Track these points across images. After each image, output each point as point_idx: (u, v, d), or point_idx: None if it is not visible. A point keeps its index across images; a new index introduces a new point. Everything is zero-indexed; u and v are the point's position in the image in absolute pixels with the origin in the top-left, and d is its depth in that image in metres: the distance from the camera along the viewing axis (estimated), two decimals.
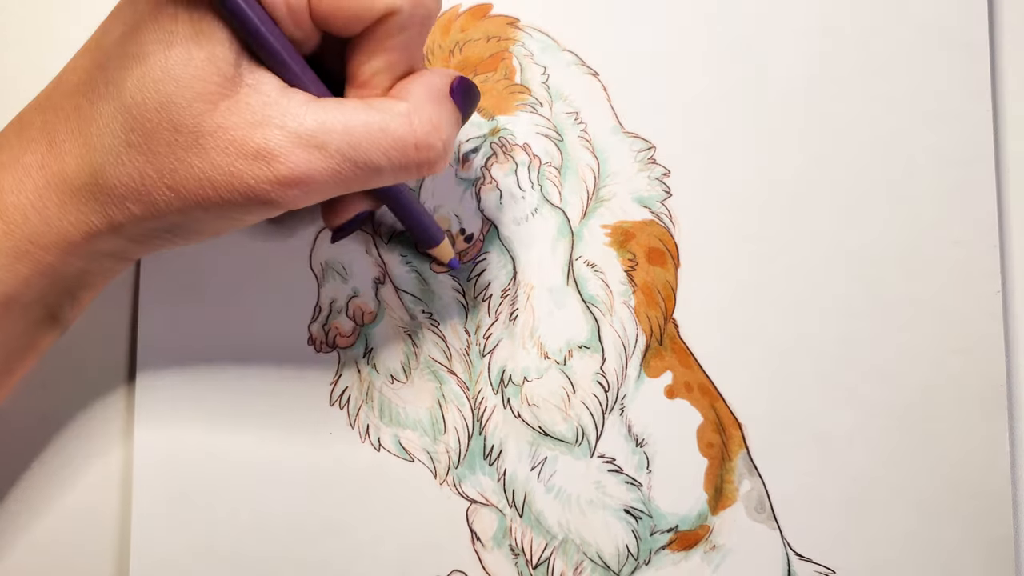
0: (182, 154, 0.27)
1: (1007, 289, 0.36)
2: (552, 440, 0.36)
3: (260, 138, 0.26)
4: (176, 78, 0.26)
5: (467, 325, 0.37)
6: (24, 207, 0.28)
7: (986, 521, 0.35)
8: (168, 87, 0.26)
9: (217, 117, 0.26)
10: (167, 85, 0.26)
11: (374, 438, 0.37)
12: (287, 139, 0.26)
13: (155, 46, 0.26)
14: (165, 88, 0.26)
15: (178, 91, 0.26)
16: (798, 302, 0.36)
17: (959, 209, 0.36)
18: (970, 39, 0.37)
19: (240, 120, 0.26)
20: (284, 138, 0.26)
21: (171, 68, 0.26)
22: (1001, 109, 0.37)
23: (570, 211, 0.37)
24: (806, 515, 0.36)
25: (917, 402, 0.36)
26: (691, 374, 0.36)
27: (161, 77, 0.26)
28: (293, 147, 0.27)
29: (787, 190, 0.37)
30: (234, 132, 0.26)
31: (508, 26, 0.38)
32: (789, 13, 0.37)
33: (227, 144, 0.26)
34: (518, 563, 0.36)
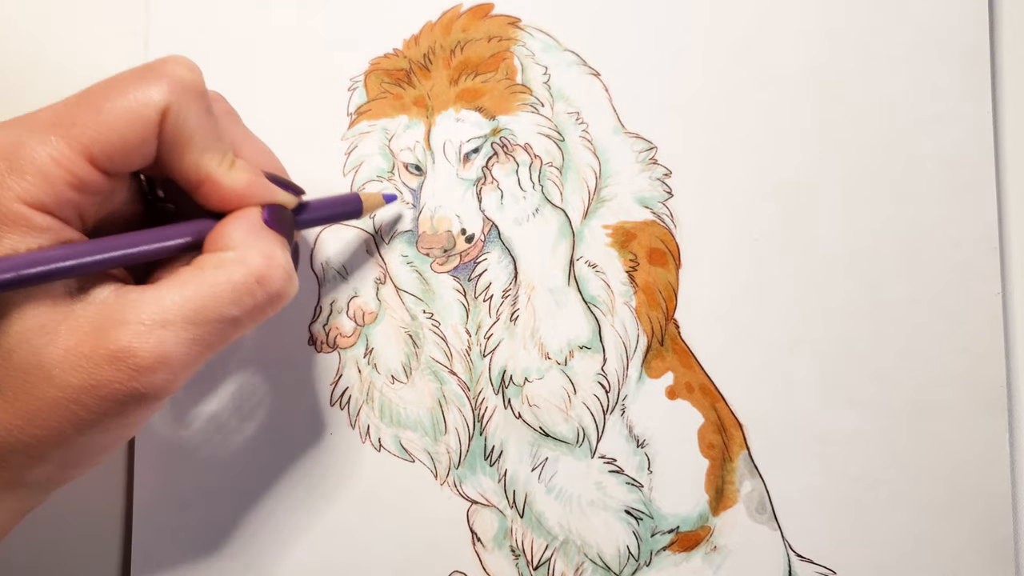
0: (39, 391, 0.26)
1: (1007, 290, 0.36)
2: (553, 441, 0.36)
3: (109, 342, 0.26)
4: (2, 324, 0.26)
5: (468, 325, 0.37)
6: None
7: (986, 521, 0.35)
8: (3, 337, 0.26)
9: (60, 342, 0.26)
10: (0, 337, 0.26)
11: (374, 438, 0.37)
12: (134, 332, 0.26)
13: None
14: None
15: (10, 335, 0.26)
16: (799, 303, 0.36)
17: (959, 210, 0.36)
18: (970, 39, 0.37)
19: (83, 335, 0.26)
20: (131, 332, 0.26)
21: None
22: (1001, 109, 0.37)
23: (571, 211, 0.37)
24: (807, 516, 0.36)
25: (917, 402, 0.36)
26: (692, 375, 0.36)
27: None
28: (142, 336, 0.26)
29: (788, 191, 0.37)
30: (81, 348, 0.26)
31: (509, 26, 0.37)
32: (789, 13, 0.37)
33: (79, 363, 0.26)
34: (519, 564, 0.36)
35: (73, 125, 0.26)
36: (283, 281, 0.29)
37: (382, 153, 0.37)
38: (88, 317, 0.26)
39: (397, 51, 0.38)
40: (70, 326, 0.26)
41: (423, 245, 0.37)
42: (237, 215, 0.29)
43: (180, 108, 0.27)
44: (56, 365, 0.26)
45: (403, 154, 0.37)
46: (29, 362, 0.26)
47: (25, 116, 0.27)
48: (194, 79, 0.28)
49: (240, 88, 0.38)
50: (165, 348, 0.26)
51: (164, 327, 0.26)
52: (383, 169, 0.37)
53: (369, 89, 0.38)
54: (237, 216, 0.29)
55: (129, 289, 0.27)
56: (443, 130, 0.37)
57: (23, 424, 0.26)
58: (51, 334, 0.26)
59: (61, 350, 0.26)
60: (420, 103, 0.37)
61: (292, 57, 0.38)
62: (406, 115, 0.37)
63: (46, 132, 0.26)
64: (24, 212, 0.25)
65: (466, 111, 0.37)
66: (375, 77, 0.38)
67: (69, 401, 0.26)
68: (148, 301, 0.26)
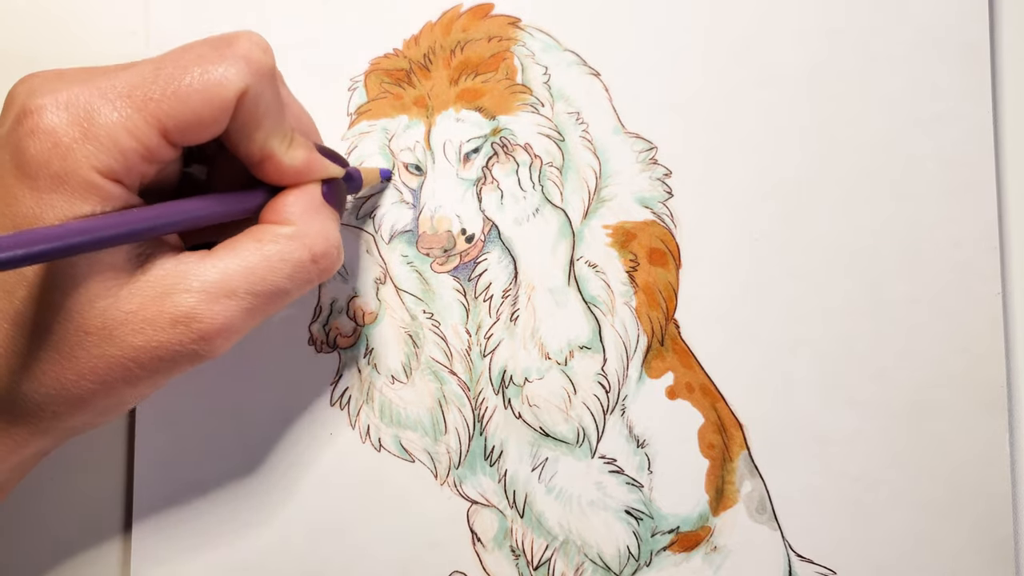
0: (98, 351, 0.26)
1: (1007, 290, 0.36)
2: (553, 441, 0.36)
3: (172, 307, 0.27)
4: (66, 285, 0.26)
5: (468, 325, 0.37)
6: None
7: (986, 521, 0.35)
8: (61, 296, 0.26)
9: (122, 305, 0.27)
10: (58, 295, 0.26)
11: (374, 438, 0.37)
12: (198, 298, 0.27)
13: None
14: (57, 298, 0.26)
15: (74, 297, 0.26)
16: (799, 303, 0.36)
17: (959, 210, 0.36)
18: (970, 39, 0.37)
19: (146, 299, 0.27)
20: (195, 298, 0.27)
21: (58, 276, 0.26)
22: (1001, 109, 0.37)
23: (571, 211, 0.37)
24: (807, 516, 0.36)
25: (917, 403, 0.36)
26: (692, 375, 0.36)
27: (50, 286, 0.26)
28: (206, 303, 0.27)
29: (788, 191, 0.37)
30: (144, 312, 0.27)
31: (509, 26, 0.37)
32: (789, 13, 0.37)
33: (141, 325, 0.27)
34: (519, 564, 0.36)
35: (150, 98, 0.26)
36: (335, 259, 0.30)
37: (382, 153, 0.37)
38: (150, 282, 0.27)
39: (397, 51, 0.38)
40: (131, 290, 0.27)
41: (423, 245, 0.37)
42: (299, 190, 0.30)
43: (256, 91, 0.27)
44: (118, 326, 0.26)
45: (403, 154, 0.37)
46: (91, 323, 0.26)
47: (95, 74, 0.27)
48: (269, 61, 0.28)
49: None
50: (227, 316, 0.27)
51: (228, 296, 0.27)
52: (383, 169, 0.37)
53: (369, 89, 0.38)
54: (299, 191, 0.30)
55: (189, 256, 0.28)
56: (443, 130, 0.37)
57: (76, 379, 0.27)
58: (114, 297, 0.26)
59: (124, 312, 0.27)
60: (420, 103, 0.37)
61: (292, 57, 0.38)
62: (406, 115, 0.37)
63: (122, 101, 0.26)
64: (97, 181, 0.26)
65: (466, 111, 0.37)
66: (375, 77, 0.38)
67: (128, 360, 0.27)
68: (211, 270, 0.27)
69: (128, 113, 0.26)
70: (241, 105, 0.27)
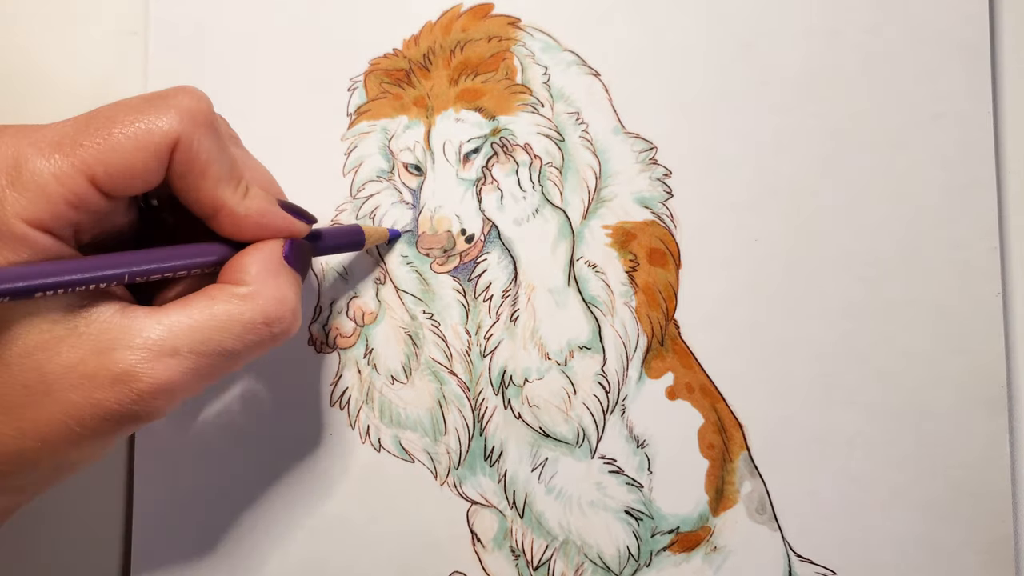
0: (38, 406, 0.26)
1: (1007, 291, 0.36)
2: (553, 441, 0.36)
3: (111, 364, 0.26)
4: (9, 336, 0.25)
5: (468, 326, 0.37)
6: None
7: (986, 521, 0.35)
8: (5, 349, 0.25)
9: (61, 359, 0.26)
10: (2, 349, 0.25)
11: (374, 439, 0.37)
12: (140, 356, 0.26)
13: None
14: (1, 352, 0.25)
15: (10, 348, 0.26)
16: (799, 303, 0.36)
17: (959, 210, 0.36)
18: (970, 39, 0.37)
19: (87, 353, 0.26)
20: (137, 356, 0.26)
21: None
22: (1001, 109, 0.37)
23: (571, 211, 0.37)
24: (807, 516, 0.36)
25: (918, 403, 0.36)
26: (692, 375, 0.36)
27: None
28: (148, 361, 0.26)
29: (788, 191, 0.36)
30: (84, 367, 0.26)
31: (509, 26, 0.37)
32: (789, 13, 0.37)
33: (80, 381, 0.26)
34: (519, 564, 0.36)
35: (79, 145, 0.26)
36: (289, 323, 0.29)
37: (382, 153, 0.37)
38: (91, 335, 0.26)
39: (397, 51, 0.38)
40: (72, 343, 0.26)
41: (423, 245, 0.37)
42: (257, 248, 0.29)
43: (192, 139, 0.27)
44: (56, 381, 0.26)
45: (403, 154, 0.37)
46: (29, 376, 0.26)
47: (30, 128, 0.27)
48: (203, 108, 0.28)
49: (240, 88, 0.38)
50: (170, 375, 0.26)
51: (172, 355, 0.26)
52: (383, 169, 0.37)
53: (369, 89, 0.38)
54: (257, 249, 0.29)
55: (134, 310, 0.27)
56: (443, 130, 0.37)
57: (16, 435, 0.26)
58: (52, 350, 0.26)
59: (62, 366, 0.26)
60: (420, 103, 0.37)
61: (292, 57, 0.38)
62: (406, 115, 0.37)
63: (51, 149, 0.26)
64: (24, 231, 0.25)
65: (466, 111, 0.37)
66: (375, 77, 0.38)
67: (67, 417, 0.26)
68: (156, 326, 0.27)
69: (56, 159, 0.25)
70: (177, 154, 0.27)
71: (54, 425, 0.26)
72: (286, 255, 0.30)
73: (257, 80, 0.38)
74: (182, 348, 0.27)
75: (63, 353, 0.26)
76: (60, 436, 0.26)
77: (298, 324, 0.30)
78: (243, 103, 0.38)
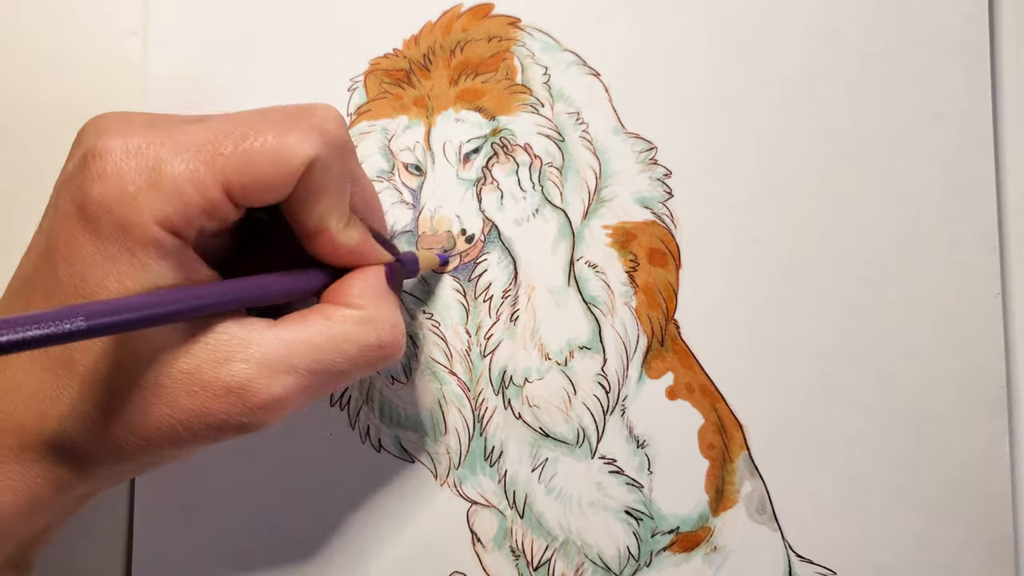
0: (149, 408, 0.26)
1: (1007, 291, 0.36)
2: (553, 441, 0.36)
3: (227, 375, 0.26)
4: (125, 338, 0.26)
5: (468, 326, 0.37)
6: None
7: (986, 521, 0.35)
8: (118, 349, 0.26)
9: (179, 365, 0.26)
10: (115, 347, 0.26)
11: (374, 439, 0.37)
12: (256, 370, 0.26)
13: None
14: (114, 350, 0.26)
15: (131, 351, 0.26)
16: (799, 303, 0.36)
17: (959, 210, 0.36)
18: (970, 39, 0.37)
19: (203, 362, 0.26)
20: (253, 370, 0.26)
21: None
22: (1001, 109, 0.37)
23: (571, 212, 0.37)
24: (807, 516, 0.36)
25: (917, 403, 0.36)
26: (692, 375, 0.36)
27: (112, 340, 0.26)
28: (263, 376, 0.26)
29: (788, 191, 0.36)
30: (200, 375, 0.26)
31: (509, 26, 0.37)
32: (789, 13, 0.37)
33: (195, 388, 0.26)
34: (519, 564, 0.36)
35: (219, 153, 0.26)
36: (400, 347, 0.30)
37: (382, 153, 0.37)
38: (210, 345, 0.26)
39: (397, 51, 0.38)
40: (189, 350, 0.26)
41: (423, 245, 0.37)
42: (365, 273, 0.30)
43: (325, 162, 0.27)
44: (171, 386, 0.26)
45: (403, 154, 0.37)
46: (145, 379, 0.26)
47: (169, 123, 0.27)
48: (343, 136, 0.28)
49: (240, 88, 0.38)
50: (283, 391, 0.27)
51: (288, 372, 0.27)
52: (383, 169, 0.37)
53: (369, 89, 0.38)
54: (365, 274, 0.30)
55: (252, 322, 0.27)
56: (443, 130, 0.37)
57: (124, 433, 0.26)
58: (170, 356, 0.26)
59: (178, 372, 0.26)
60: (420, 103, 0.37)
61: (292, 57, 0.38)
62: (406, 115, 0.37)
63: (191, 154, 0.26)
64: (156, 233, 0.25)
65: (466, 111, 0.37)
66: (375, 77, 0.38)
67: (176, 422, 0.26)
68: (274, 342, 0.27)
69: (195, 166, 0.26)
70: (308, 174, 0.27)
71: (161, 427, 0.26)
72: (388, 279, 0.30)
73: (257, 80, 0.38)
74: (299, 366, 0.27)
75: (180, 360, 0.26)
76: (164, 437, 0.26)
77: (404, 347, 0.30)
78: (243, 103, 0.38)
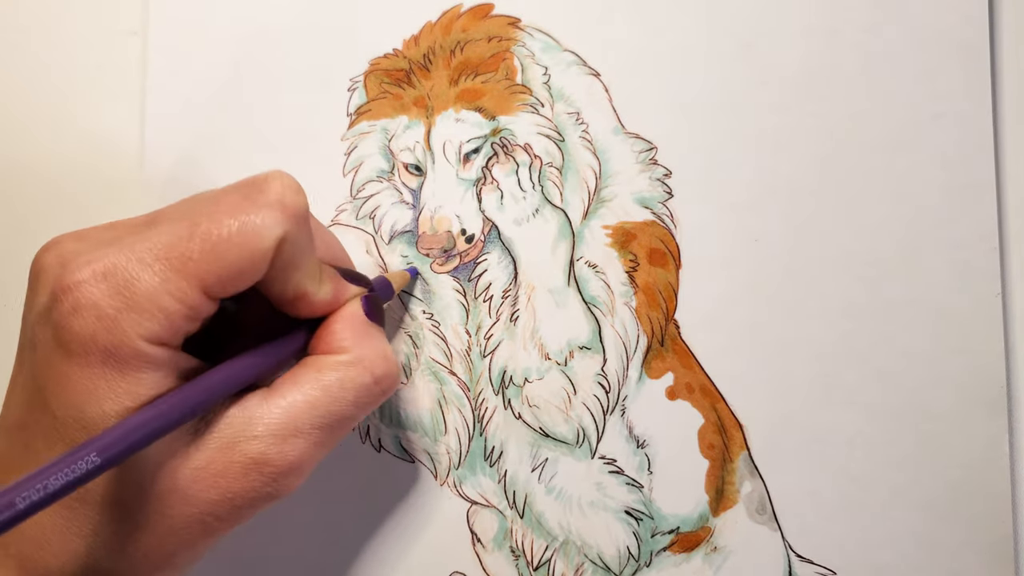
0: (174, 511, 0.26)
1: (1007, 291, 0.36)
2: (553, 441, 0.36)
3: (241, 456, 0.26)
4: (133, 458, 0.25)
5: (468, 326, 0.37)
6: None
7: (986, 521, 0.35)
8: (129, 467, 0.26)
9: (191, 463, 0.26)
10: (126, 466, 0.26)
11: (374, 439, 0.37)
12: (267, 443, 0.27)
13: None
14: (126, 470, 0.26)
15: (142, 465, 0.26)
16: (799, 303, 0.36)
17: (959, 210, 0.36)
18: (970, 39, 0.37)
19: (214, 452, 0.26)
20: (264, 443, 0.27)
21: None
22: (1001, 109, 0.37)
23: (571, 212, 0.37)
24: (807, 516, 0.36)
25: (917, 403, 0.36)
26: (692, 375, 0.36)
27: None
28: (276, 446, 0.27)
29: (788, 191, 0.36)
30: (214, 466, 0.26)
31: (509, 26, 0.37)
32: (789, 13, 0.37)
33: (215, 479, 0.26)
34: (519, 564, 0.36)
35: (188, 258, 0.25)
36: (396, 376, 0.30)
37: (382, 153, 0.37)
38: (215, 434, 0.27)
39: (397, 51, 0.38)
40: (198, 445, 0.26)
41: (423, 245, 0.37)
42: (343, 316, 0.30)
43: (293, 236, 0.27)
44: (191, 484, 0.26)
45: (403, 154, 0.37)
46: (163, 487, 0.26)
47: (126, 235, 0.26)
48: (303, 203, 0.28)
49: (240, 88, 0.38)
50: (298, 454, 0.27)
51: (295, 435, 0.27)
52: (383, 170, 0.37)
53: (369, 89, 0.38)
54: (343, 317, 0.30)
55: (249, 399, 0.27)
56: (443, 130, 0.37)
57: (158, 544, 0.26)
58: (180, 457, 0.26)
59: (193, 470, 0.26)
60: (420, 103, 0.37)
61: (292, 57, 0.38)
62: (406, 115, 0.37)
63: (160, 265, 0.25)
64: (145, 349, 0.25)
65: (466, 111, 0.37)
66: (375, 77, 0.38)
67: (205, 515, 0.26)
68: (275, 410, 0.27)
69: (168, 276, 0.25)
70: (279, 252, 0.27)
71: (192, 526, 0.26)
72: (367, 311, 0.30)
73: (257, 80, 0.38)
74: (303, 427, 0.27)
75: (191, 457, 0.26)
76: (196, 534, 0.27)
77: (400, 374, 0.30)
78: (243, 103, 0.38)
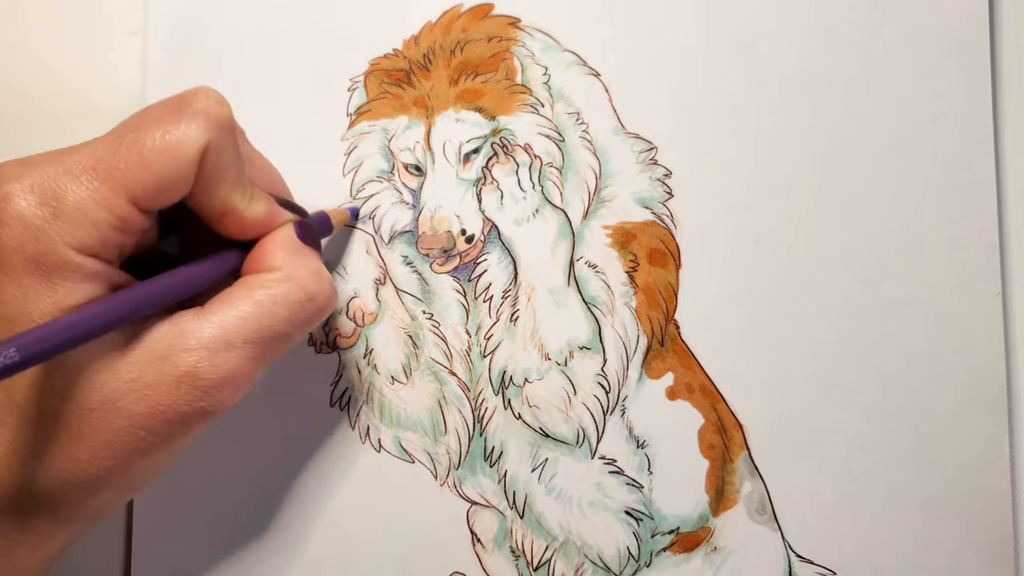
0: (105, 425, 0.26)
1: (1007, 290, 0.36)
2: (553, 441, 0.36)
3: (172, 368, 0.27)
4: (63, 366, 0.26)
5: (468, 326, 0.37)
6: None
7: (986, 521, 0.35)
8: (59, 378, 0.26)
9: (122, 375, 0.26)
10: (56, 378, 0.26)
11: (374, 439, 0.37)
12: (198, 355, 0.27)
13: None
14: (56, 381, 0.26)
15: (72, 377, 0.26)
16: (799, 303, 0.36)
17: (959, 210, 0.36)
18: (970, 39, 0.37)
19: (145, 365, 0.27)
20: (195, 356, 0.27)
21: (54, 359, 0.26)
22: (1001, 109, 0.37)
23: (571, 212, 0.37)
24: (807, 516, 0.36)
25: (917, 403, 0.36)
26: (692, 375, 0.36)
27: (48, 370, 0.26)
28: (207, 359, 0.27)
29: (788, 191, 0.36)
30: (145, 378, 0.26)
31: (509, 26, 0.37)
32: (789, 13, 0.37)
33: (145, 391, 0.26)
34: (519, 565, 0.36)
35: (115, 168, 0.26)
36: (329, 295, 0.30)
37: (382, 153, 0.37)
38: (147, 348, 0.27)
39: (397, 51, 0.38)
40: (129, 359, 0.27)
41: (423, 246, 0.37)
42: (275, 236, 0.30)
43: (218, 145, 0.27)
44: (120, 398, 0.26)
45: (403, 154, 0.37)
46: (92, 398, 0.26)
47: (58, 155, 0.27)
48: (227, 114, 0.28)
49: (240, 88, 0.38)
50: (229, 367, 0.27)
51: (227, 349, 0.27)
52: (383, 169, 0.37)
53: (369, 89, 0.38)
54: (275, 238, 0.30)
55: (182, 316, 0.28)
56: (443, 130, 0.37)
57: (89, 458, 0.26)
58: (112, 369, 0.26)
59: (123, 383, 0.26)
60: (420, 103, 0.37)
61: (292, 57, 0.38)
62: (406, 115, 0.37)
63: (88, 176, 0.26)
64: (75, 258, 0.26)
65: (466, 111, 0.37)
66: (375, 77, 0.38)
67: (137, 428, 0.26)
68: (207, 325, 0.27)
69: (95, 186, 0.26)
70: (204, 160, 0.27)
71: (124, 440, 0.26)
72: (299, 235, 0.31)
73: (257, 80, 0.38)
74: (236, 340, 0.27)
75: (121, 371, 0.26)
76: (130, 449, 0.27)
77: (336, 296, 0.31)
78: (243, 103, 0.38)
